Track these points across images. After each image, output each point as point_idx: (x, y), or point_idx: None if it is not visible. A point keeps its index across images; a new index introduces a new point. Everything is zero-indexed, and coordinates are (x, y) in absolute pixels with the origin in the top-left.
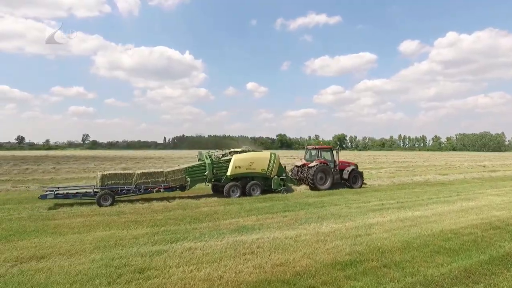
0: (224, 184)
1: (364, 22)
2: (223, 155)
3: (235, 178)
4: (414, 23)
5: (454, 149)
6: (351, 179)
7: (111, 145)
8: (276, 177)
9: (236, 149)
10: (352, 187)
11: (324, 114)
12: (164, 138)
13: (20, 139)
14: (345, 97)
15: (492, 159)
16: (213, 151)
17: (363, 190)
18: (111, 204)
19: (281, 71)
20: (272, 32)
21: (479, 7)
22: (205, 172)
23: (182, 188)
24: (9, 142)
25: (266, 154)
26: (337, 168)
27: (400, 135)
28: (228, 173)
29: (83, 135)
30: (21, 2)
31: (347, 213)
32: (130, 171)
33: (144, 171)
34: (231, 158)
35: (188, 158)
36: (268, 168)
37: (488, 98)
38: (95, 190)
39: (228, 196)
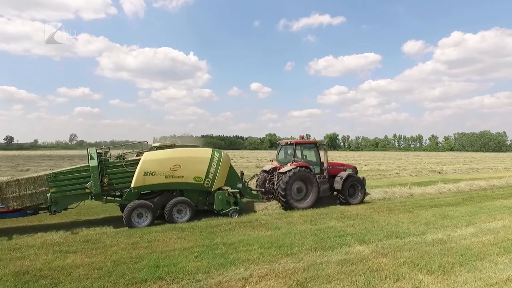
0: (126, 204)
1: (368, 22)
2: (138, 154)
3: (150, 192)
4: (418, 23)
5: (451, 149)
6: (347, 190)
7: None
8: (223, 190)
9: (154, 145)
10: (348, 203)
11: (328, 114)
12: (154, 137)
13: (9, 139)
14: (350, 98)
15: (470, 162)
16: (128, 147)
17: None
18: None
19: (285, 72)
20: (275, 32)
21: (484, 6)
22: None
23: (50, 209)
24: None
25: (204, 152)
26: (325, 173)
27: (395, 135)
28: (132, 184)
29: (70, 135)
30: (29, 5)
31: None
32: None
33: None
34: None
35: None
36: (207, 176)
37: (494, 98)
38: None
39: (130, 224)
